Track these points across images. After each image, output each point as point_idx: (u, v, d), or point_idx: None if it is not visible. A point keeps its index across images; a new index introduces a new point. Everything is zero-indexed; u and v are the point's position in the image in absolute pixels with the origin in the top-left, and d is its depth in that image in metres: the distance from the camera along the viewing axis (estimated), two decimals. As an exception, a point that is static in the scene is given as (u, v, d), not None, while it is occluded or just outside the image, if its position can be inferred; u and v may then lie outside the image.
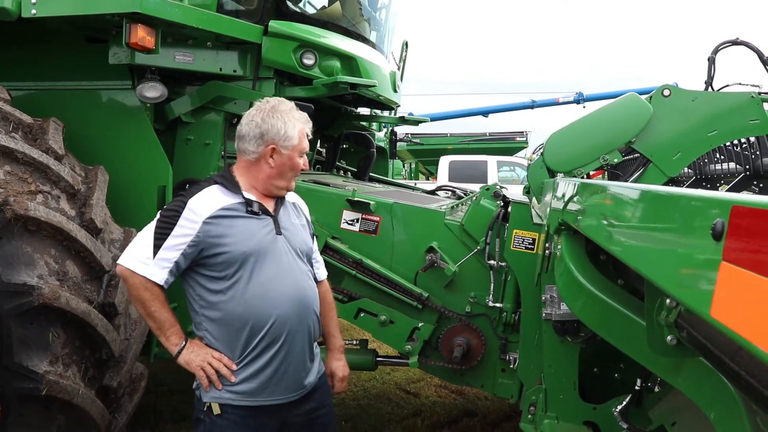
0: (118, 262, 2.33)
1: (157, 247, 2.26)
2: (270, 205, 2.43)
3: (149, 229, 2.31)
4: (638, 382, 2.32)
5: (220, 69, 3.67)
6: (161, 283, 2.27)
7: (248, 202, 2.35)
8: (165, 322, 2.32)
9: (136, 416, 3.38)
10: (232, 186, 2.37)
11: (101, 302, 2.95)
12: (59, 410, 2.76)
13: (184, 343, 2.32)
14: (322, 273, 2.72)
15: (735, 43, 3.75)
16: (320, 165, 5.35)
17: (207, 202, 2.30)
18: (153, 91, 3.41)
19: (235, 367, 2.29)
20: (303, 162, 2.46)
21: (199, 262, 2.29)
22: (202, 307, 2.32)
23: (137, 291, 2.29)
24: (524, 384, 3.32)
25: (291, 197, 2.60)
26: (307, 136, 2.47)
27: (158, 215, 2.33)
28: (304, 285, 2.43)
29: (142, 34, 3.11)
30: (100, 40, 3.49)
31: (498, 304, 3.48)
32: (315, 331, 2.48)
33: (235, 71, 3.71)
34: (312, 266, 2.57)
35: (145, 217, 3.50)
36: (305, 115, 2.49)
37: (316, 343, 2.53)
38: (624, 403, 2.37)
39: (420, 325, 3.57)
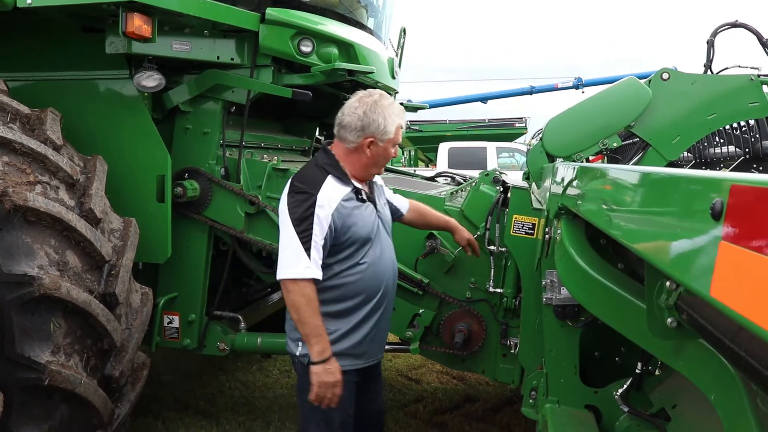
0: (281, 278, 2.52)
1: (308, 251, 2.47)
2: (366, 190, 2.75)
3: (292, 237, 2.49)
4: (639, 365, 2.32)
5: (218, 57, 3.65)
6: (320, 277, 2.52)
7: (357, 190, 2.65)
8: (316, 329, 2.50)
9: (139, 405, 3.40)
10: (344, 176, 2.63)
11: (102, 292, 2.95)
12: (62, 400, 2.78)
13: (327, 356, 2.53)
14: (405, 203, 3.17)
15: (734, 25, 3.73)
16: (319, 153, 5.34)
17: (331, 195, 2.54)
18: (150, 80, 3.40)
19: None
20: (394, 151, 2.74)
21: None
22: (324, 281, 2.56)
23: (294, 297, 2.49)
24: (525, 369, 3.33)
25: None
26: (401, 127, 2.71)
27: (291, 217, 2.51)
28: (394, 260, 2.85)
29: (138, 23, 3.09)
30: (96, 29, 3.47)
31: (498, 290, 3.49)
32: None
33: (232, 59, 3.69)
34: None
35: (144, 206, 3.53)
36: (402, 109, 2.73)
37: None
38: (625, 386, 2.38)
39: (421, 311, 3.58)
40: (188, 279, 3.78)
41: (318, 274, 2.51)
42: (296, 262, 2.48)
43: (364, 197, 2.67)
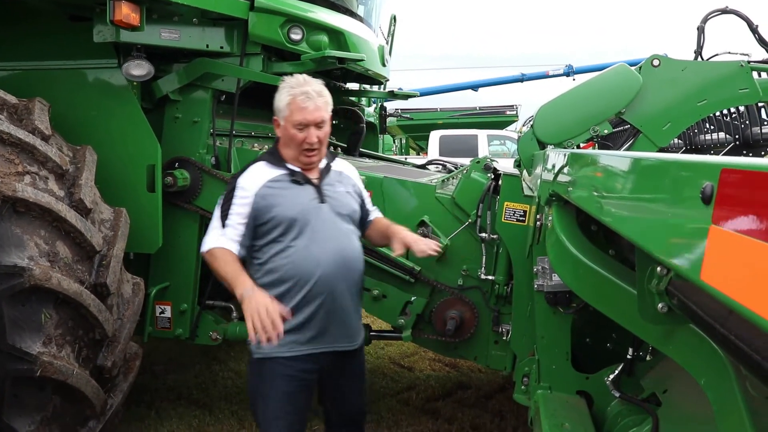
0: (201, 252, 2.67)
1: (224, 227, 2.57)
2: (313, 175, 2.66)
3: (216, 214, 2.64)
4: (630, 350, 2.34)
5: (207, 46, 3.62)
6: (234, 251, 2.55)
7: (292, 173, 2.61)
8: (229, 274, 2.50)
9: (132, 395, 3.40)
10: (276, 160, 2.64)
11: (93, 282, 2.94)
12: (54, 391, 2.77)
13: (247, 289, 2.44)
14: (377, 214, 2.94)
15: (724, 11, 3.73)
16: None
17: (255, 178, 2.59)
18: (139, 69, 3.37)
19: (288, 317, 2.45)
20: (304, 137, 2.55)
21: (255, 228, 2.57)
22: (258, 266, 2.60)
23: (211, 265, 2.58)
24: (517, 355, 3.35)
25: (338, 166, 2.79)
26: (308, 107, 2.53)
27: (219, 202, 2.65)
28: (346, 246, 2.65)
29: (126, 11, 3.06)
30: (83, 18, 3.44)
31: (490, 277, 3.50)
32: (358, 287, 2.73)
33: (222, 48, 3.67)
34: (358, 225, 2.79)
35: (134, 196, 3.51)
36: (305, 82, 2.57)
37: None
38: (616, 372, 2.39)
39: (413, 299, 3.59)
40: (180, 268, 3.77)
41: (228, 246, 2.55)
42: (210, 237, 2.61)
43: (299, 179, 2.60)
